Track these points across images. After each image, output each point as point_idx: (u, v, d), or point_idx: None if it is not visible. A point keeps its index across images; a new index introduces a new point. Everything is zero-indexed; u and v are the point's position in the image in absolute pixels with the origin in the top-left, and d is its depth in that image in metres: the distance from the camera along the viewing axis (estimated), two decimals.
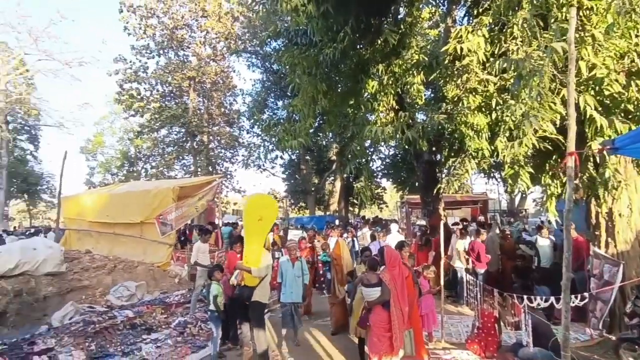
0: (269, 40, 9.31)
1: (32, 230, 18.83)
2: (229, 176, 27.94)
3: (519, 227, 12.93)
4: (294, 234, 10.75)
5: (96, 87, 65.13)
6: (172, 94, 26.42)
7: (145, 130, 25.96)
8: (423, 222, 9.52)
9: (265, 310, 6.04)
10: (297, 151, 19.85)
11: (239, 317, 5.78)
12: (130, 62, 24.59)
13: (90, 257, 9.59)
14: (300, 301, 6.01)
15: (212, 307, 5.52)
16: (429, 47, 8.60)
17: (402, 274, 4.50)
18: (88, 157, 35.63)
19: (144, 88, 25.32)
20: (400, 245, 5.74)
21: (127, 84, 24.55)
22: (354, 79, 8.56)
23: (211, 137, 27.35)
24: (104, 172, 35.49)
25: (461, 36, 6.18)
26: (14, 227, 23.03)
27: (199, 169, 26.41)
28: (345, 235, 10.30)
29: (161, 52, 25.31)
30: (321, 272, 9.07)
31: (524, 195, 21.16)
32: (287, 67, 8.46)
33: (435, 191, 8.21)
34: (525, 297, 4.87)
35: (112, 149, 36.84)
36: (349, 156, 8.69)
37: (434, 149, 9.29)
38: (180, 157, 28.53)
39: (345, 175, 22.59)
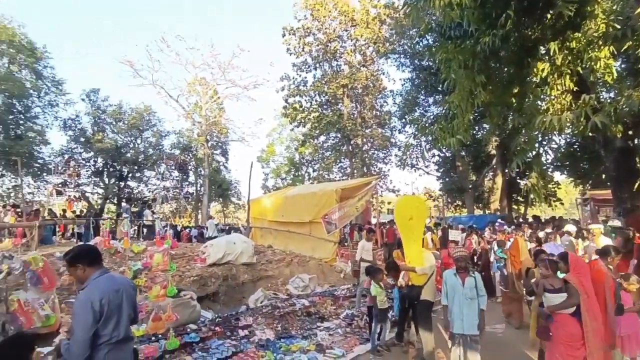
0: (419, 38, 9.21)
1: (227, 228, 23.16)
2: (382, 176, 28.55)
3: None
4: (455, 235, 10.23)
5: (267, 104, 76.41)
6: (328, 103, 28.56)
7: (307, 138, 28.87)
8: (617, 223, 7.80)
9: (433, 310, 5.98)
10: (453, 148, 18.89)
11: (408, 315, 5.91)
12: (293, 78, 27.74)
13: (272, 251, 11.24)
14: (476, 332, 4.30)
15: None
16: (616, 8, 7.03)
17: (593, 283, 3.85)
18: (263, 165, 41.63)
19: (305, 100, 28.12)
20: (604, 252, 4.88)
21: (291, 98, 27.71)
22: (517, 64, 7.71)
23: (365, 140, 28.41)
24: (275, 177, 40.77)
25: None
26: (215, 225, 28.76)
27: (355, 171, 27.78)
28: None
29: (317, 65, 27.64)
30: (492, 273, 8.53)
31: None
32: (441, 63, 8.20)
33: (637, 185, 6.70)
34: None
35: (281, 156, 42.16)
36: (516, 150, 7.85)
37: (630, 133, 7.59)
38: (338, 161, 30.59)
39: (507, 171, 20.34)
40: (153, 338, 5.46)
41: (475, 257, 9.54)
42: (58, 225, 12.01)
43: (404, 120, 26.19)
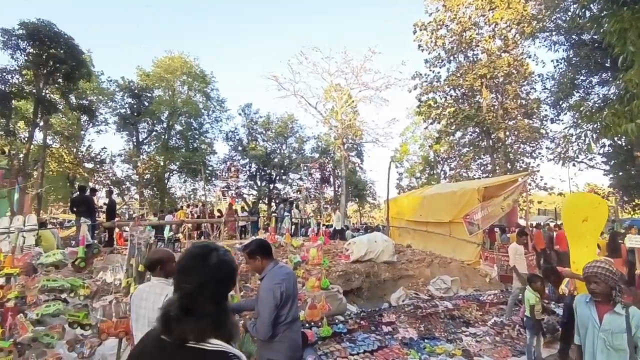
0: (581, 10, 7.97)
1: (364, 226, 23.93)
2: (531, 172, 25.38)
3: None
4: (636, 240, 8.40)
5: (399, 103, 75.92)
6: (464, 96, 26.80)
7: (443, 135, 27.60)
8: None
9: None
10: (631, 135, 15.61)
11: (573, 330, 5.26)
12: (425, 75, 26.86)
13: (412, 251, 11.16)
14: None
15: (527, 313, 5.34)
16: None
17: None
18: (397, 165, 41.36)
19: (439, 96, 26.94)
20: None
21: (424, 96, 26.87)
22: None
23: (508, 133, 25.67)
24: (409, 177, 40.20)
25: None
26: (352, 223, 29.95)
27: (497, 167, 25.32)
28: None
29: (451, 58, 26.22)
30: None
31: None
32: (613, 35, 6.93)
33: None
34: None
35: (415, 155, 41.33)
36: None
37: None
38: (477, 157, 28.44)
39: None
40: (307, 325, 6.12)
41: None
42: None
43: (558, 107, 22.77)
